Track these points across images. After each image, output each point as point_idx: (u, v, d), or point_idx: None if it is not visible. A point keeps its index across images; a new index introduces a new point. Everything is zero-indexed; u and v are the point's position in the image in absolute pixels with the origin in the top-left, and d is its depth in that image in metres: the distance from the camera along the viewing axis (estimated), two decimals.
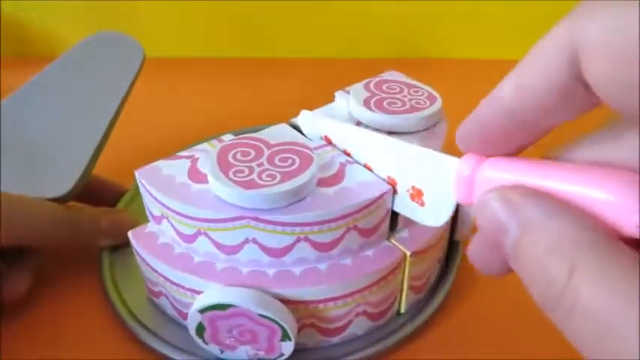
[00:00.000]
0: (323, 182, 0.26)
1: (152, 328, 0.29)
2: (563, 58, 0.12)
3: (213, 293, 0.25)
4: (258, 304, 0.24)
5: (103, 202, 0.36)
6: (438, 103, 0.31)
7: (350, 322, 0.28)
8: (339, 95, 0.33)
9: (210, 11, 0.59)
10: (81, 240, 0.32)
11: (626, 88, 0.11)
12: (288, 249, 0.25)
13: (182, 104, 0.51)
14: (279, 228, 0.24)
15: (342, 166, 0.27)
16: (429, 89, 0.32)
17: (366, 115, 0.30)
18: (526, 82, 0.13)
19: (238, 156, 0.26)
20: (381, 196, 0.25)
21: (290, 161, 0.25)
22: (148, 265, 0.28)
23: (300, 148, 0.26)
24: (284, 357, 0.26)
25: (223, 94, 0.53)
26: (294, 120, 0.31)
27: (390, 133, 0.30)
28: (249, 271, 0.26)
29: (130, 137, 0.31)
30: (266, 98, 0.32)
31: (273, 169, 0.25)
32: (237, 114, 0.31)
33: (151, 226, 0.28)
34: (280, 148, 0.26)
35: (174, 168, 0.27)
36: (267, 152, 0.26)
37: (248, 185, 0.24)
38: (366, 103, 0.30)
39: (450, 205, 0.20)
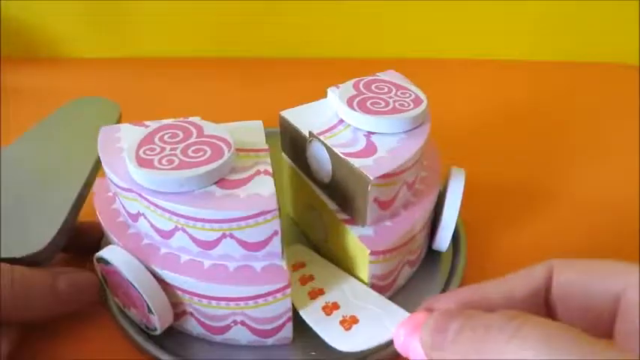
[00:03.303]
0: (225, 183, 0.26)
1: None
2: (544, 270, 0.20)
3: (107, 248, 0.27)
4: (128, 269, 0.26)
5: (84, 246, 0.32)
6: (422, 106, 0.30)
7: (229, 327, 0.28)
8: (331, 92, 0.32)
9: (210, 11, 0.59)
10: (34, 308, 0.26)
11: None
12: (170, 233, 0.26)
13: (181, 104, 0.52)
14: (159, 211, 0.25)
15: (257, 174, 0.27)
16: (418, 92, 0.31)
17: (347, 113, 0.30)
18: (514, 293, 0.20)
19: (166, 137, 0.27)
20: (259, 214, 0.24)
21: (201, 153, 0.26)
22: None
23: (222, 145, 0.27)
24: (157, 331, 0.28)
25: (223, 94, 0.54)
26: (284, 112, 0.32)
27: (370, 133, 0.29)
28: (146, 243, 0.28)
29: None
30: (266, 98, 0.32)
31: (179, 156, 0.26)
32: (237, 114, 0.32)
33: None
34: (206, 139, 0.27)
35: (129, 133, 0.30)
36: (192, 140, 0.27)
37: (142, 164, 0.25)
38: (349, 102, 0.30)
39: (375, 341, 0.24)
